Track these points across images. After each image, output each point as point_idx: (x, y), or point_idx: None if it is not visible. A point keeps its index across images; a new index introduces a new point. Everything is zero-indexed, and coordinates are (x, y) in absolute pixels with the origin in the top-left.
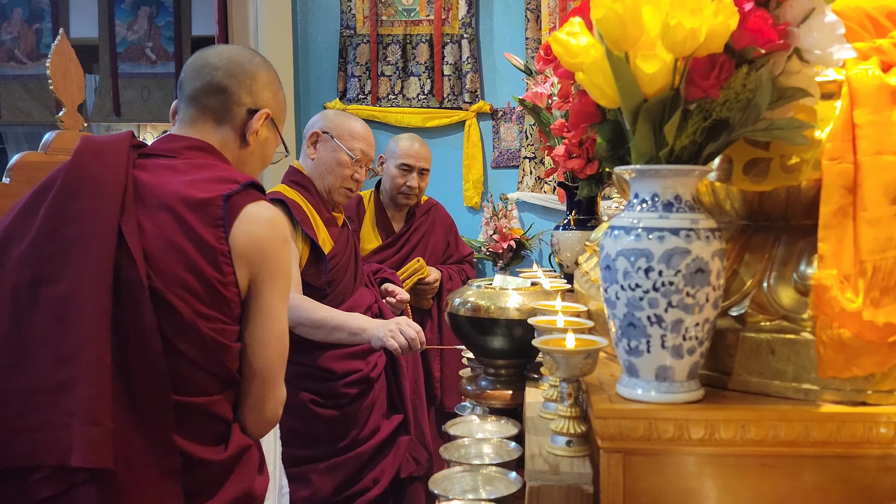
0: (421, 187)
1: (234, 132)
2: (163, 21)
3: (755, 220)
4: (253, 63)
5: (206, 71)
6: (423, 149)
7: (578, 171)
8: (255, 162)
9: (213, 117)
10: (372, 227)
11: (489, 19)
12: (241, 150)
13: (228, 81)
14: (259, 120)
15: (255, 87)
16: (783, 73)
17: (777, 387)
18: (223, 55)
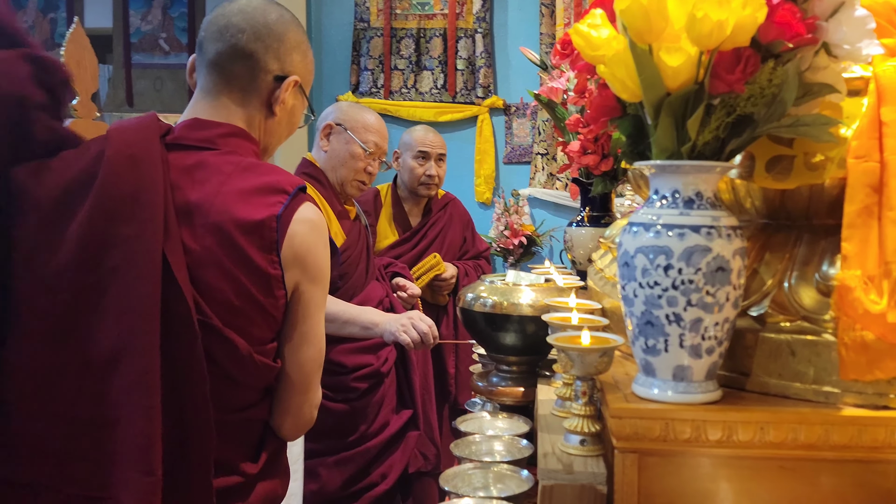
0: (440, 175)
1: (261, 102)
2: (177, 12)
3: (776, 219)
4: (281, 22)
5: (229, 33)
6: (436, 137)
7: (593, 167)
8: (281, 131)
9: (239, 86)
10: (389, 222)
11: (504, 14)
12: (267, 121)
13: (254, 46)
14: (287, 89)
15: (283, 50)
16: (810, 68)
17: (797, 389)
18: (248, 13)
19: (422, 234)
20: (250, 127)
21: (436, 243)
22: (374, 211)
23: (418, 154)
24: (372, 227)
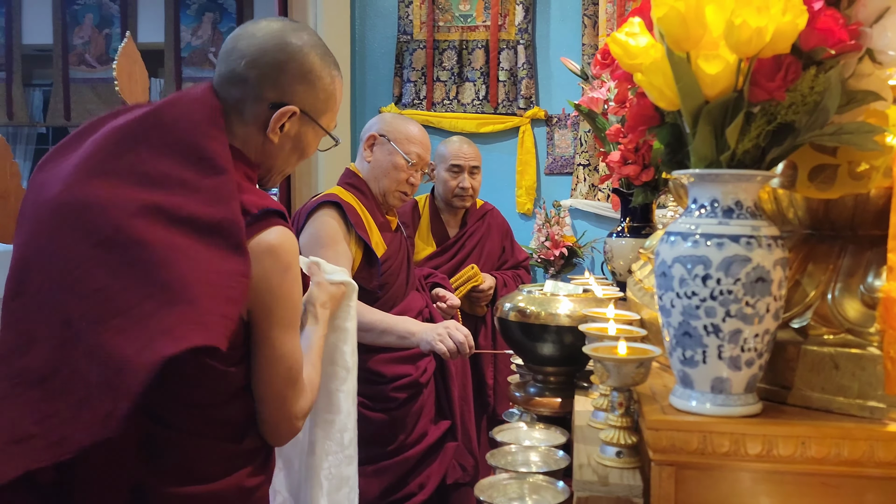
0: (474, 187)
1: (257, 127)
2: (226, 27)
3: (820, 229)
4: (286, 51)
5: (231, 57)
6: (470, 148)
7: (633, 177)
8: (287, 157)
9: (235, 109)
10: (426, 233)
11: (546, 25)
12: (265, 145)
13: (250, 73)
14: (281, 118)
15: (283, 80)
16: (853, 75)
17: (840, 403)
18: (256, 38)
19: (459, 245)
20: (245, 147)
21: (474, 254)
22: (412, 222)
23: (451, 167)
24: (410, 238)
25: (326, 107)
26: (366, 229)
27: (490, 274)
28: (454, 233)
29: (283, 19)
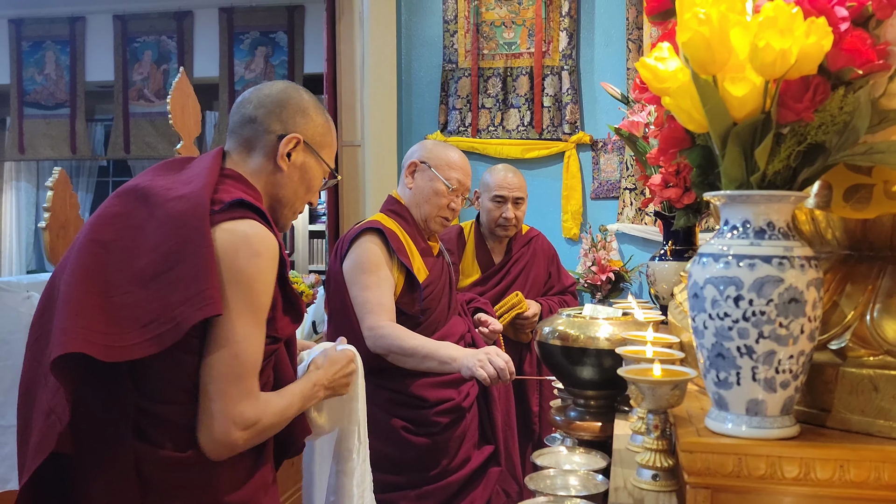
0: (518, 217)
1: (267, 159)
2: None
3: (858, 250)
4: (284, 93)
5: (242, 106)
6: (515, 178)
7: (675, 200)
8: (295, 187)
9: (247, 146)
10: (471, 260)
11: (590, 50)
12: (275, 174)
13: (258, 112)
14: (288, 144)
15: (285, 114)
16: (885, 94)
17: (881, 426)
18: (259, 90)
19: (504, 272)
20: (254, 176)
21: (519, 280)
22: (457, 249)
23: (495, 197)
24: (455, 265)
25: (325, 141)
26: (408, 255)
27: (535, 300)
28: (499, 259)
29: (285, 83)
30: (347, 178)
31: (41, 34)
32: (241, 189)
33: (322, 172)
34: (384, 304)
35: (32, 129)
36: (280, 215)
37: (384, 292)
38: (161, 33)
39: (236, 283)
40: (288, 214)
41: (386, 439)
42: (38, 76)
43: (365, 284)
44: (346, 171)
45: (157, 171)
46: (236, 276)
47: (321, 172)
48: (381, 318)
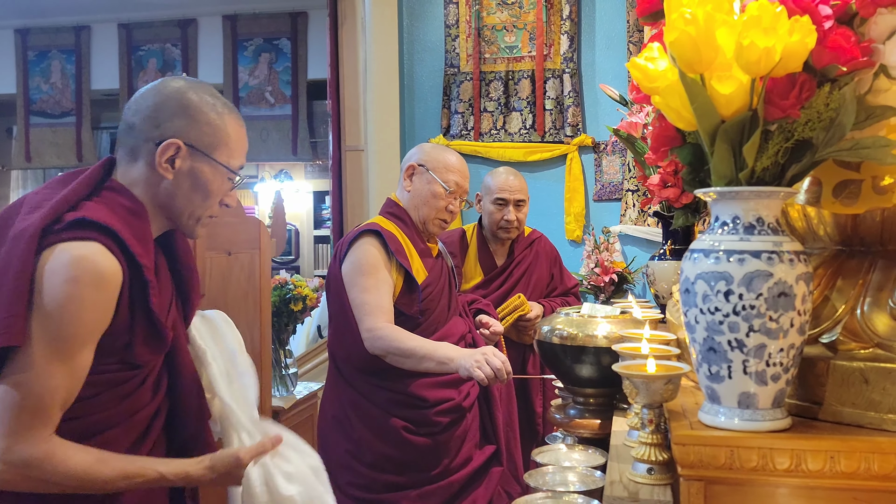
0: (519, 219)
1: (150, 167)
2: (281, 66)
3: (850, 245)
4: (161, 93)
5: (125, 112)
6: (516, 180)
7: (674, 200)
8: (185, 195)
9: (131, 155)
10: (474, 263)
11: (591, 53)
12: (161, 183)
13: (134, 118)
14: (166, 151)
15: (161, 117)
16: (871, 91)
17: (872, 418)
18: (141, 92)
19: (507, 274)
20: (136, 184)
21: (521, 282)
22: (460, 252)
23: (497, 200)
24: (458, 268)
25: (217, 141)
26: (406, 256)
27: (538, 302)
28: (501, 262)
29: (168, 80)
30: (351, 182)
31: (47, 43)
32: (113, 203)
33: (222, 175)
34: (382, 305)
35: (39, 137)
36: (181, 224)
37: (382, 294)
38: (165, 41)
39: (43, 309)
40: (190, 223)
41: (386, 440)
42: (44, 85)
43: (363, 286)
44: (349, 175)
45: (49, 184)
46: (44, 303)
47: (220, 175)
48: (379, 320)
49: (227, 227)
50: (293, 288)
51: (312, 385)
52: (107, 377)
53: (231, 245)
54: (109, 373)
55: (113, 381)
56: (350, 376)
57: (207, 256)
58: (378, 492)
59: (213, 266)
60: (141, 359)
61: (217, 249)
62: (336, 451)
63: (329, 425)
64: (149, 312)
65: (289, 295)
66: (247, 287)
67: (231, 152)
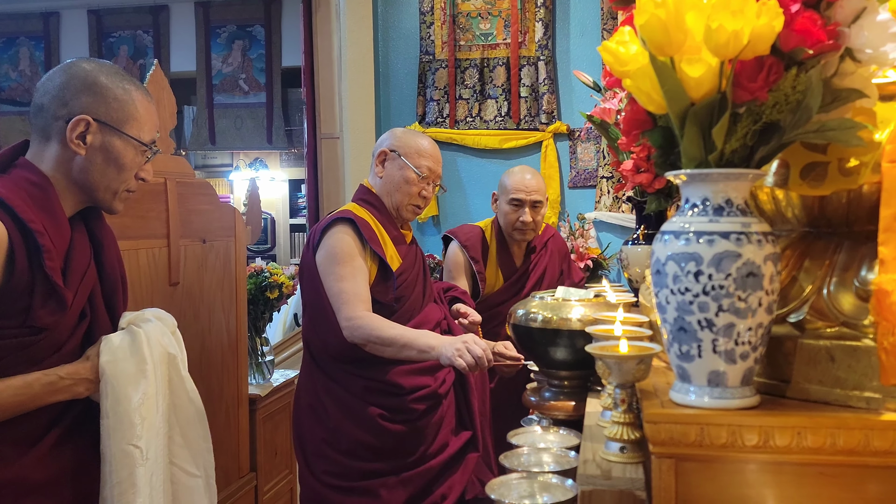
0: (536, 221)
1: (62, 145)
2: (255, 53)
3: (817, 227)
4: (67, 73)
5: (35, 94)
6: (534, 180)
7: (647, 185)
8: (99, 170)
9: (44, 135)
10: (496, 267)
11: (566, 41)
12: (74, 160)
13: (43, 99)
14: (75, 128)
15: (68, 95)
16: (837, 73)
17: (837, 395)
18: (47, 74)
19: (526, 278)
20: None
21: (538, 283)
22: (481, 256)
23: (512, 200)
24: (480, 273)
25: (126, 115)
26: (380, 244)
27: None
28: (520, 262)
29: (74, 61)
30: (327, 170)
31: (14, 30)
32: (17, 178)
33: (134, 148)
34: (360, 294)
35: (8, 126)
36: (98, 199)
37: (359, 282)
38: (137, 28)
39: None
40: (107, 197)
41: (362, 427)
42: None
43: (339, 275)
44: (325, 163)
45: None
46: None
47: (132, 149)
48: (357, 309)
49: (202, 214)
50: (269, 276)
51: (289, 373)
52: (9, 341)
53: (206, 233)
54: (11, 337)
55: (17, 345)
56: (325, 364)
57: (182, 244)
58: (354, 479)
59: (187, 254)
60: (41, 321)
61: (191, 237)
62: (312, 440)
63: (304, 413)
64: (45, 273)
65: (265, 283)
66: (222, 275)
67: (141, 126)
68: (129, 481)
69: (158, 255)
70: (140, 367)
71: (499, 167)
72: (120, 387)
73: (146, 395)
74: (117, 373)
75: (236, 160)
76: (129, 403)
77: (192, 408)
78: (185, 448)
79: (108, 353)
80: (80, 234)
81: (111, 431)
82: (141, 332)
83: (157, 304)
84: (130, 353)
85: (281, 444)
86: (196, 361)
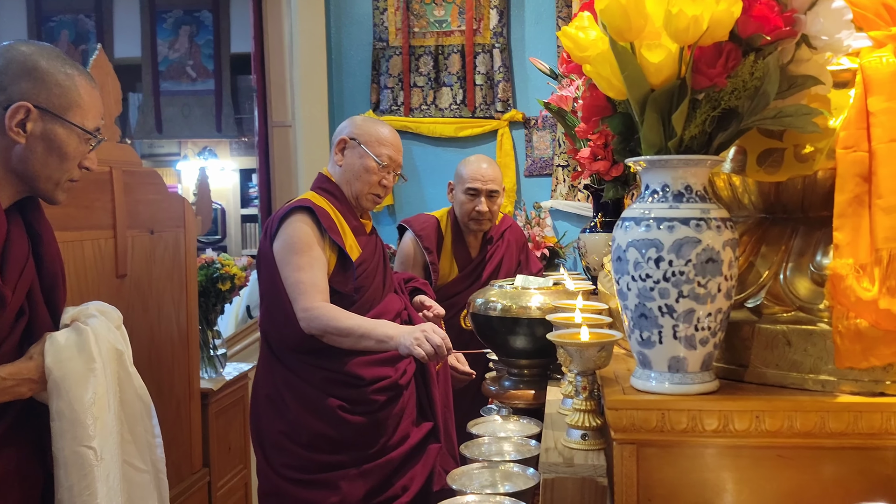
0: (492, 211)
1: (1, 133)
2: (203, 39)
3: (773, 213)
4: (5, 57)
5: None
6: (490, 169)
7: (604, 172)
8: (40, 159)
9: None
10: (450, 257)
11: (521, 28)
12: (14, 148)
13: None
14: (14, 116)
15: (5, 80)
16: (793, 61)
17: (794, 378)
18: None
19: (481, 269)
20: None
21: (494, 274)
22: (435, 247)
23: (468, 189)
24: (434, 264)
25: (68, 102)
26: (339, 233)
27: None
28: (475, 254)
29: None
30: (279, 159)
31: None
32: None
33: (78, 136)
34: (317, 284)
35: None
36: (39, 189)
37: (317, 272)
38: (78, 12)
39: None
40: (48, 188)
41: (322, 419)
42: None
43: (297, 265)
44: (276, 152)
45: None
46: None
47: (75, 137)
48: (314, 299)
49: (150, 204)
50: (220, 267)
51: (243, 366)
52: None
53: (154, 223)
54: None
55: None
56: (283, 356)
57: (129, 235)
58: (314, 472)
59: (135, 245)
60: None
61: (139, 228)
62: (270, 433)
63: (262, 406)
64: None
65: (216, 274)
66: (171, 267)
67: (85, 113)
68: (84, 484)
69: (104, 246)
70: (89, 366)
71: (454, 156)
72: (69, 388)
73: (97, 395)
74: (65, 373)
75: (184, 149)
76: (81, 404)
77: (139, 403)
78: (132, 443)
79: (53, 353)
80: (17, 227)
81: (63, 434)
82: (88, 329)
83: (104, 297)
84: (77, 351)
85: (235, 438)
86: (145, 356)
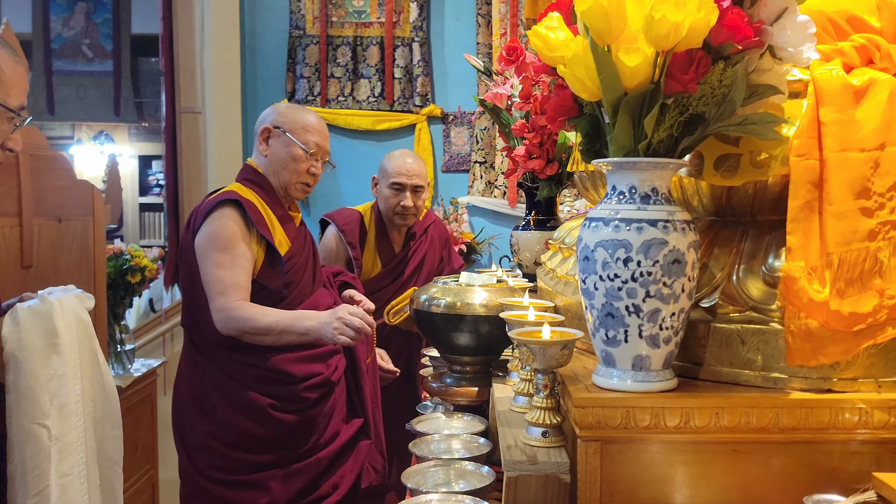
0: (417, 206)
1: None
2: (101, 18)
3: (722, 216)
4: None
5: None
6: (415, 164)
7: (539, 171)
8: None
9: None
10: (373, 252)
11: (440, 23)
12: None
13: None
14: None
15: None
16: (755, 70)
17: (747, 376)
18: None
19: (405, 265)
20: None
21: (417, 271)
22: (359, 242)
23: (393, 184)
24: (357, 259)
25: None
26: (268, 227)
27: None
28: (399, 249)
29: None
30: (187, 147)
31: None
32: None
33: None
34: (238, 283)
35: None
36: None
37: (238, 271)
38: None
39: None
40: None
41: (251, 418)
42: None
43: (218, 262)
44: (185, 139)
45: None
46: None
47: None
48: (231, 299)
49: (57, 191)
50: (130, 258)
51: (151, 362)
52: None
53: (62, 211)
54: None
55: None
56: (209, 353)
57: (36, 223)
58: (242, 473)
59: (41, 234)
60: None
61: (46, 215)
62: (195, 433)
63: (186, 406)
64: None
65: (125, 266)
66: (79, 257)
67: (7, 90)
68: (33, 463)
69: (9, 234)
70: (51, 341)
71: (371, 149)
72: (26, 359)
73: (57, 373)
74: (23, 345)
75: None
76: (36, 379)
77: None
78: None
79: (10, 324)
80: None
81: (14, 408)
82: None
83: (8, 288)
84: (37, 322)
85: (143, 437)
86: None
